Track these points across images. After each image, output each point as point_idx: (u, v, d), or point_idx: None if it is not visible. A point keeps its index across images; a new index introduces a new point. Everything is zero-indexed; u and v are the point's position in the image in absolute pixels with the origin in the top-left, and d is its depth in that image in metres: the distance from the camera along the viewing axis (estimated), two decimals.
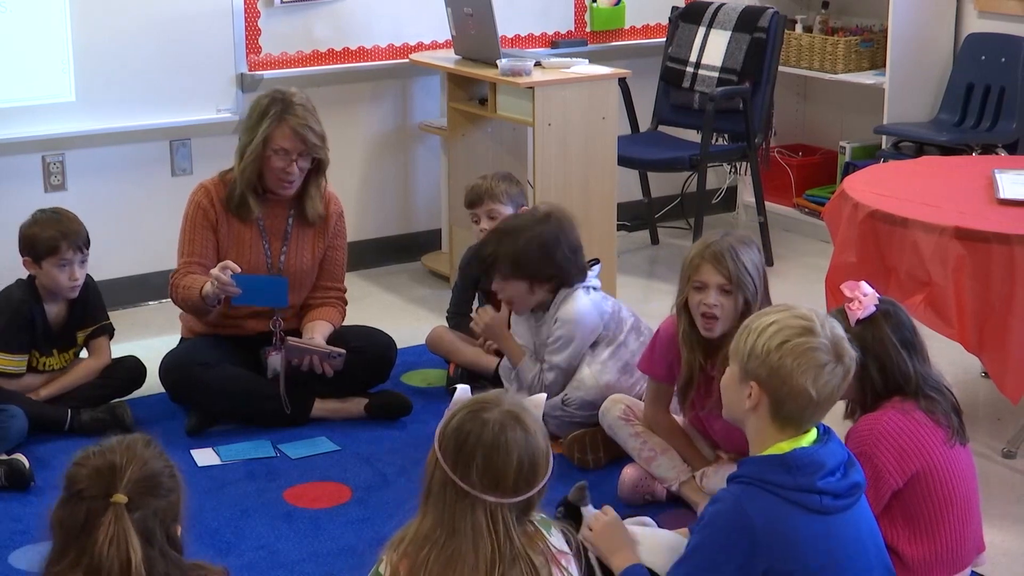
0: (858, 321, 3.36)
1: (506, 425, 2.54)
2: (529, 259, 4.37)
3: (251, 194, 4.64)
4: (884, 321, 3.37)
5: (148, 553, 2.40)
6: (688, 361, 3.88)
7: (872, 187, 4.57)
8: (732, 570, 2.83)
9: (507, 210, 4.94)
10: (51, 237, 4.58)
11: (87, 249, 4.65)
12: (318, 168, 4.68)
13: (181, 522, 2.52)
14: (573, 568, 2.67)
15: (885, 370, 3.35)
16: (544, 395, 2.85)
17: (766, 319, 2.89)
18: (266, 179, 4.62)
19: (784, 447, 2.85)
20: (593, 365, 4.40)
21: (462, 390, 2.72)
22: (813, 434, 2.90)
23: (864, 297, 3.38)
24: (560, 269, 4.40)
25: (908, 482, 3.28)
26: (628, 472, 4.10)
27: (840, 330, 2.91)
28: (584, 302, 4.41)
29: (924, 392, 3.35)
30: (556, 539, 2.66)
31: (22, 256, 4.62)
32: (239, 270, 4.45)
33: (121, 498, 2.39)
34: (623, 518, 3.43)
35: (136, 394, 4.78)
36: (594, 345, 4.43)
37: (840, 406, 3.31)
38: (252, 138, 4.58)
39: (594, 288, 4.49)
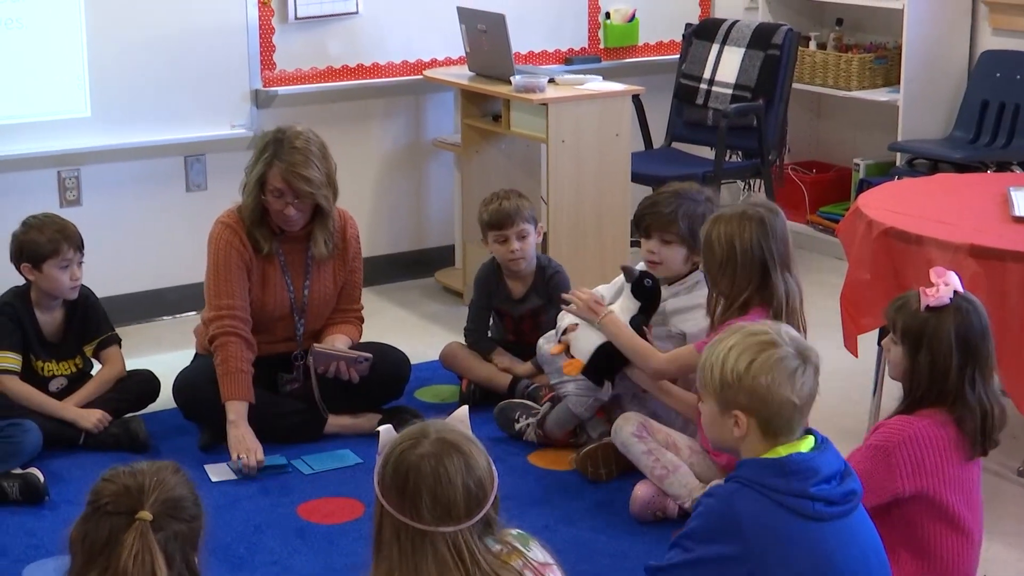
0: (928, 307, 3.31)
1: (441, 454, 2.48)
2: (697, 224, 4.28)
3: (261, 230, 4.62)
4: (953, 316, 3.30)
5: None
6: None
7: (887, 204, 4.57)
8: (716, 566, 2.84)
9: (532, 230, 4.95)
10: (51, 239, 4.60)
11: (83, 250, 4.68)
12: (320, 211, 4.63)
13: (199, 551, 2.51)
14: None
15: (934, 366, 3.29)
16: (466, 408, 2.80)
17: (723, 346, 2.88)
18: (271, 217, 4.62)
19: (781, 451, 2.86)
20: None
21: (385, 431, 2.64)
22: (810, 441, 2.89)
23: (944, 286, 3.32)
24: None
25: (914, 496, 3.26)
26: (640, 489, 4.10)
27: (796, 332, 2.92)
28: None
29: (962, 404, 3.28)
30: (536, 552, 2.63)
31: (19, 263, 4.63)
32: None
33: (146, 515, 2.40)
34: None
35: (150, 408, 4.79)
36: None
37: (845, 418, 3.26)
38: (250, 178, 4.58)
39: None
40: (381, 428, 2.66)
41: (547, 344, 4.58)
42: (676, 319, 4.40)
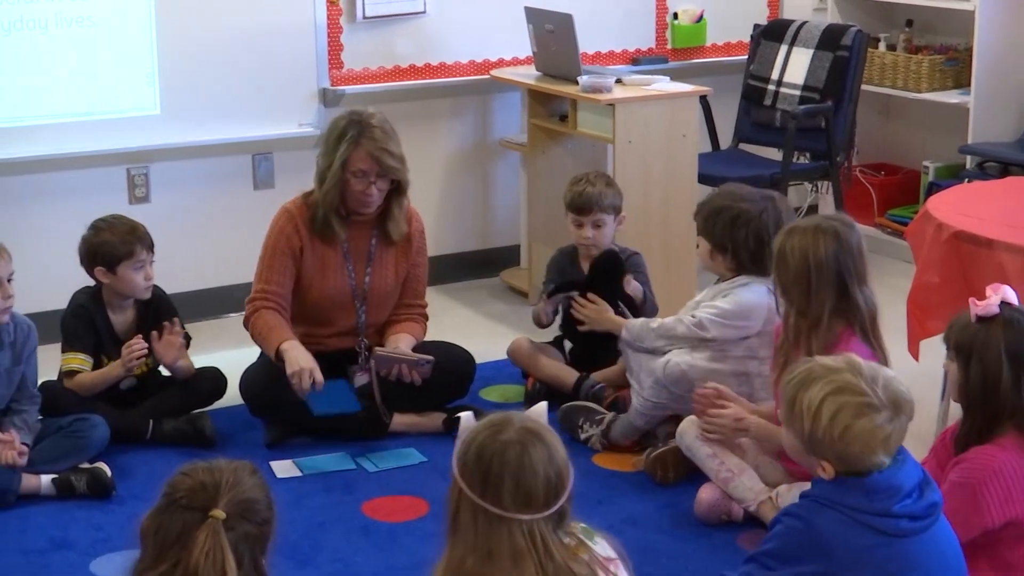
0: (979, 318, 3.29)
1: (526, 442, 2.52)
2: (716, 224, 4.35)
3: (334, 217, 4.65)
4: (1003, 327, 3.27)
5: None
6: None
7: (956, 207, 4.53)
8: None
9: (610, 219, 4.94)
10: (125, 241, 4.63)
11: (154, 249, 4.71)
12: (398, 188, 4.69)
13: (268, 553, 2.52)
14: (622, 573, 2.66)
15: (986, 378, 3.26)
16: (544, 404, 2.82)
17: (813, 393, 2.80)
18: (348, 200, 4.65)
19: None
20: (682, 355, 4.38)
21: (466, 417, 2.69)
22: None
23: (993, 296, 3.30)
24: (736, 248, 4.35)
25: (1003, 525, 3.21)
26: (705, 492, 4.08)
27: (888, 374, 2.84)
28: (761, 298, 4.32)
29: (1021, 417, 3.24)
30: (601, 547, 2.65)
31: (92, 266, 4.66)
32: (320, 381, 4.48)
33: (219, 513, 2.40)
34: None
35: (217, 405, 4.82)
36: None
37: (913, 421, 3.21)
38: (331, 161, 4.59)
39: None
40: (462, 415, 2.73)
41: (633, 320, 4.57)
42: (704, 306, 4.41)
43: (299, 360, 4.47)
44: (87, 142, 5.57)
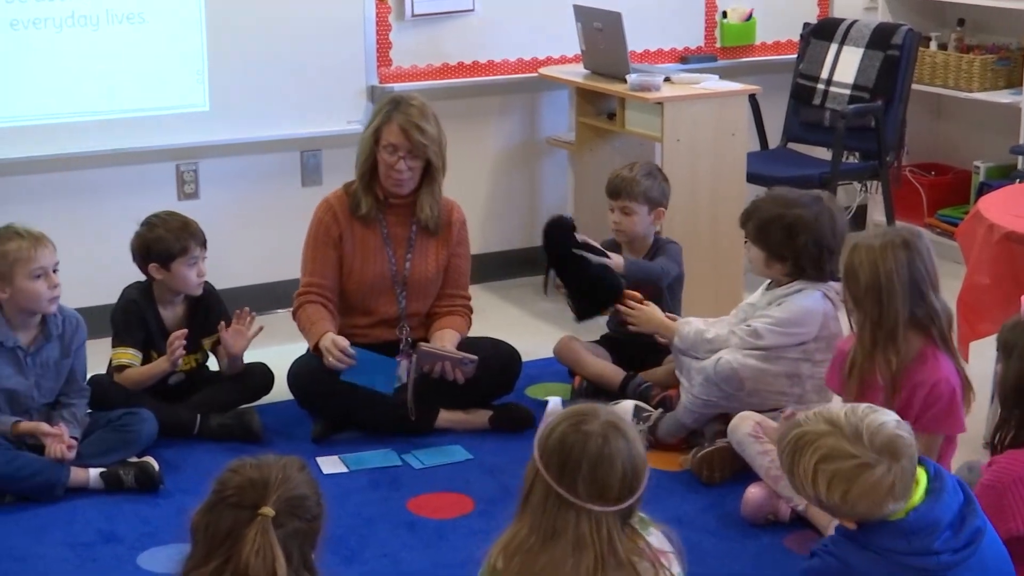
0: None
1: (609, 436, 2.57)
2: (772, 232, 4.32)
3: (370, 197, 4.70)
4: None
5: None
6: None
7: (1008, 208, 4.49)
8: None
9: (642, 209, 4.93)
10: (180, 238, 4.66)
11: (206, 245, 4.74)
12: (429, 171, 4.70)
13: (317, 549, 2.52)
14: (676, 567, 2.67)
15: (1019, 375, 3.24)
16: (631, 403, 2.86)
17: (805, 463, 2.76)
18: (380, 177, 4.68)
19: (899, 512, 2.78)
20: (734, 353, 4.36)
21: (554, 402, 2.78)
22: (923, 481, 2.82)
23: None
24: (796, 255, 4.32)
25: None
26: (752, 492, 4.07)
27: (878, 421, 2.77)
28: (817, 305, 4.30)
29: None
30: (655, 538, 2.67)
31: (146, 263, 4.68)
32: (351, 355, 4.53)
33: (269, 511, 2.41)
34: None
35: (264, 400, 4.84)
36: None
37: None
38: (365, 133, 4.70)
39: (832, 299, 4.34)
40: (551, 398, 2.83)
41: (687, 326, 4.55)
42: (758, 314, 4.39)
43: (328, 337, 4.55)
44: (137, 138, 5.60)
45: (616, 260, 4.85)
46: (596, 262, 4.75)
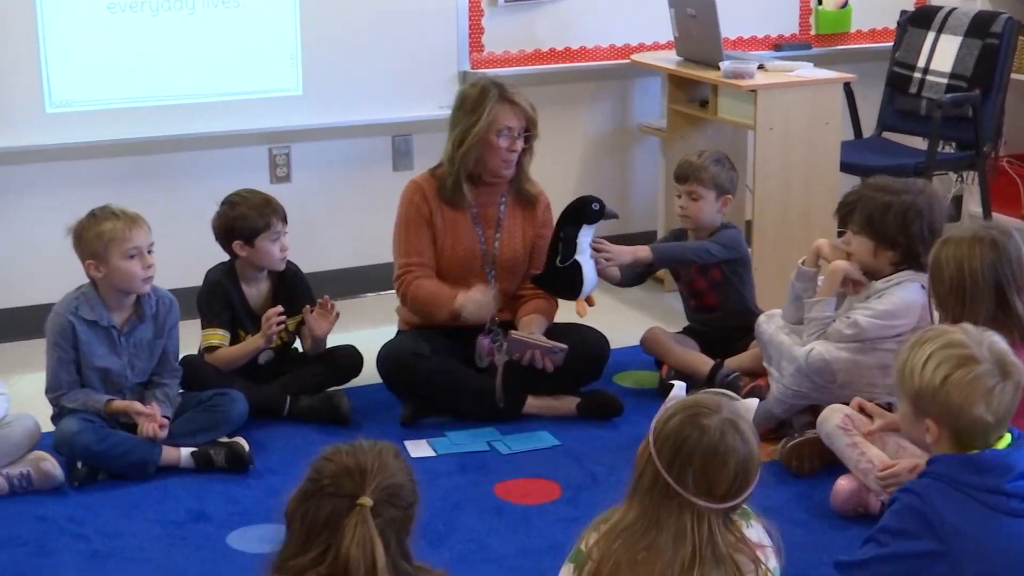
0: None
1: (726, 433, 2.56)
2: (884, 220, 4.29)
3: (466, 182, 4.70)
4: None
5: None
6: None
7: None
8: (911, 561, 2.82)
9: (709, 195, 4.91)
10: (262, 214, 4.70)
11: (287, 221, 4.77)
12: (528, 149, 4.74)
13: (412, 534, 2.52)
14: (772, 561, 2.65)
15: None
16: (756, 400, 2.84)
17: (922, 352, 2.87)
18: (487, 163, 4.69)
19: (978, 447, 2.85)
20: (826, 345, 4.32)
21: (679, 387, 2.75)
22: (1007, 438, 2.87)
23: None
24: (910, 242, 4.28)
25: None
26: (843, 483, 4.04)
27: (1002, 344, 2.88)
28: (916, 296, 4.25)
29: None
30: (755, 531, 2.66)
31: (230, 240, 4.72)
32: None
33: (367, 501, 2.40)
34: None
35: (353, 383, 4.86)
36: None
37: None
38: (473, 123, 4.66)
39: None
40: (676, 383, 2.81)
41: (768, 323, 4.53)
42: (858, 307, 4.34)
43: (476, 295, 4.62)
44: (230, 121, 5.65)
45: (641, 250, 4.90)
46: (575, 259, 4.75)
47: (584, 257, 4.74)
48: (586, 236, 4.76)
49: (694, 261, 4.93)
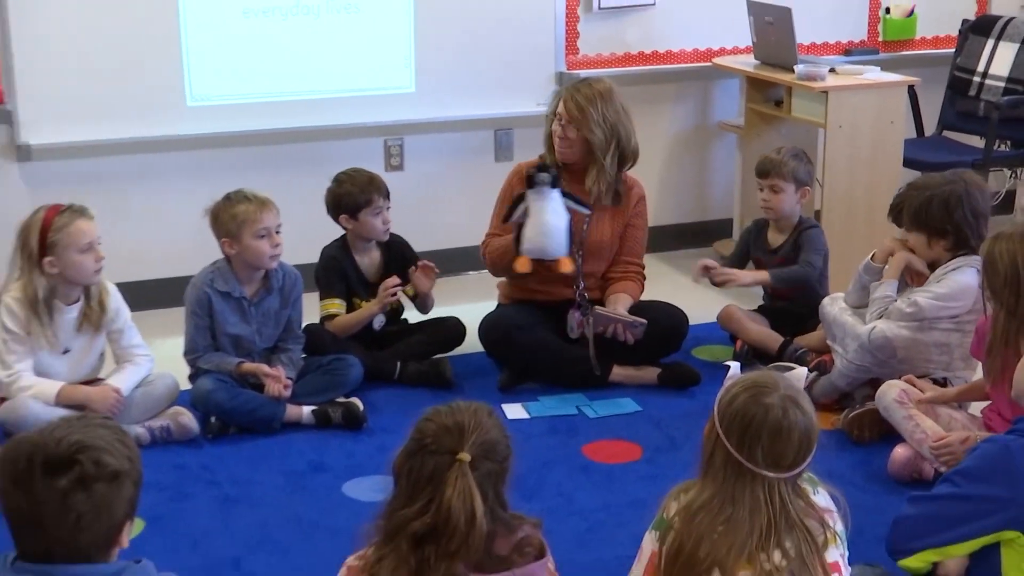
0: None
1: (787, 409, 2.54)
2: (929, 212, 4.26)
3: (564, 168, 4.73)
4: None
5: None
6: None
7: None
8: (978, 504, 2.80)
9: (789, 187, 4.88)
10: (364, 190, 4.75)
11: (389, 197, 4.81)
12: (590, 147, 4.68)
13: (507, 485, 2.55)
14: (839, 525, 2.64)
15: None
16: (805, 370, 2.82)
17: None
18: (553, 147, 4.73)
19: None
20: (888, 323, 4.29)
21: (734, 367, 2.74)
22: None
23: None
24: (957, 227, 4.24)
25: None
26: (899, 451, 4.01)
27: None
28: (972, 280, 4.18)
29: None
30: (821, 497, 2.64)
31: (338, 214, 4.79)
32: None
33: (466, 456, 2.43)
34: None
35: (456, 351, 4.90)
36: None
37: None
38: (549, 111, 4.78)
39: None
40: (731, 363, 2.80)
41: (832, 305, 4.51)
42: (917, 290, 4.30)
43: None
44: (349, 115, 5.70)
45: (761, 275, 4.89)
46: (515, 219, 4.66)
47: (543, 217, 4.60)
48: (539, 199, 4.61)
49: (807, 279, 4.88)
